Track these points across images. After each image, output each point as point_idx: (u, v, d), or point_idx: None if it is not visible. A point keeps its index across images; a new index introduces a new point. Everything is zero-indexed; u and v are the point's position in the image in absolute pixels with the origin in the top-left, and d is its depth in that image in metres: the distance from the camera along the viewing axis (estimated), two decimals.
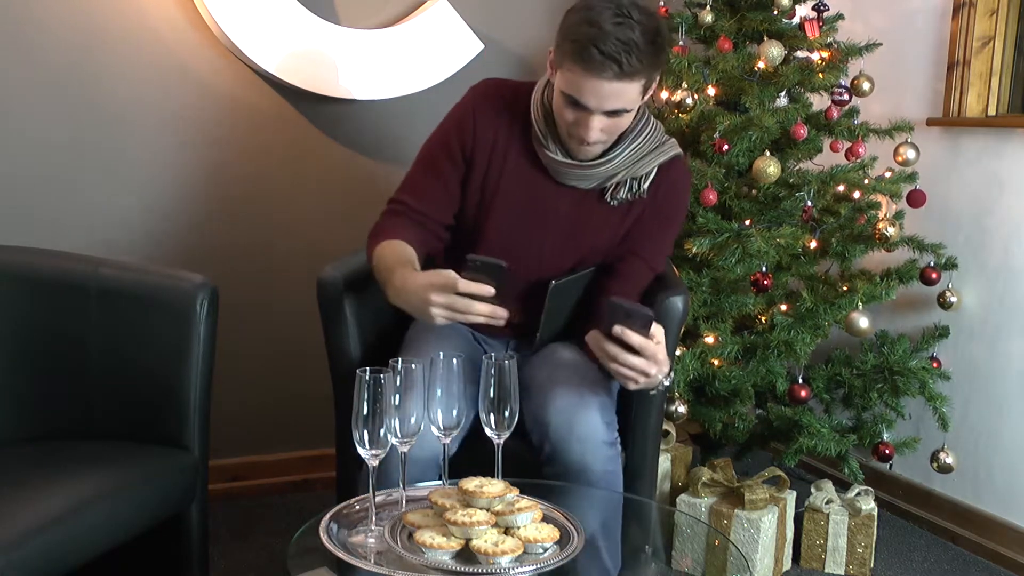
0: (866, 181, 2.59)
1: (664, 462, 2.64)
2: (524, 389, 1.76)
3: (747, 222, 2.53)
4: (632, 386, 1.69)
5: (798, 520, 2.58)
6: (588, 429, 1.75)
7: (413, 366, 1.44)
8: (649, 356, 1.63)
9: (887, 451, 2.57)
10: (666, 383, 1.74)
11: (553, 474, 1.76)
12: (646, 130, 1.90)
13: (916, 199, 2.62)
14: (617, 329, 1.60)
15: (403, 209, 1.91)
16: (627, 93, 1.72)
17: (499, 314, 1.61)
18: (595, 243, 1.94)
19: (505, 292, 1.64)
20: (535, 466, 1.78)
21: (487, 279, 1.60)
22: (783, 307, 2.58)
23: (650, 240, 1.97)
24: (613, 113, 1.75)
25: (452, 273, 1.61)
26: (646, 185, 1.91)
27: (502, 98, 1.93)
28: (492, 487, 1.43)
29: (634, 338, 1.61)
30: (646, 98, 1.82)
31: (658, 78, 1.80)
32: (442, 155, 1.93)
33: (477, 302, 1.60)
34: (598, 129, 1.76)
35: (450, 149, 1.92)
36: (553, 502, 1.54)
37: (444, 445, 1.54)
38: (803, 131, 2.55)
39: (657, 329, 1.64)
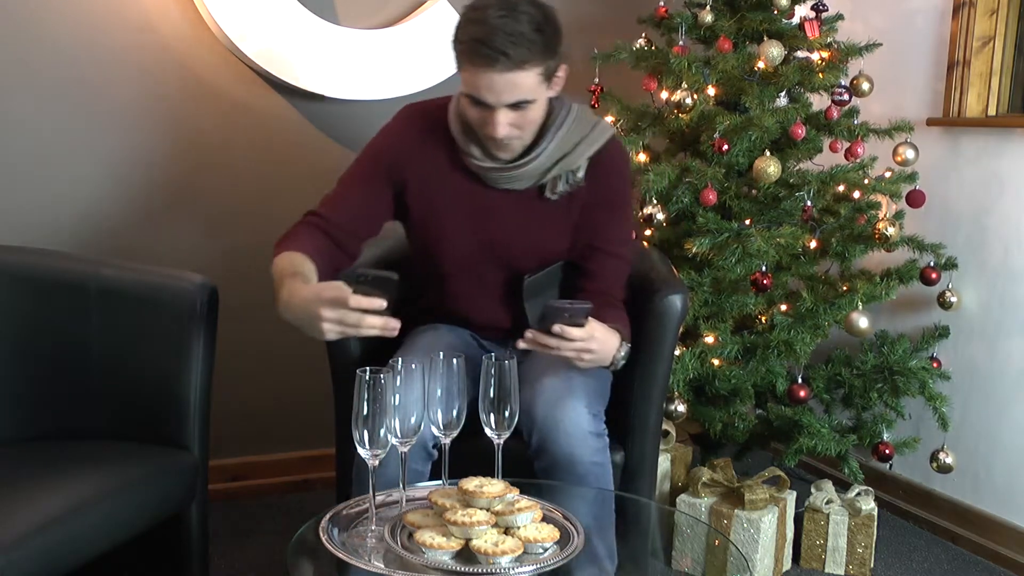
0: (866, 181, 2.59)
1: (664, 462, 2.64)
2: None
3: (747, 222, 2.53)
4: (581, 365, 1.76)
5: (798, 520, 2.58)
6: (574, 420, 1.76)
7: (413, 366, 1.45)
8: (587, 338, 1.71)
9: (887, 451, 2.57)
10: (622, 354, 1.81)
11: (543, 468, 1.77)
12: (568, 121, 1.89)
13: (916, 199, 2.62)
14: (557, 328, 1.67)
15: (315, 220, 1.90)
16: (523, 83, 1.73)
17: (391, 325, 1.59)
18: (549, 239, 1.94)
19: (398, 302, 1.62)
20: (531, 462, 1.79)
21: (379, 292, 1.57)
22: (783, 307, 2.58)
23: (604, 229, 1.96)
24: (516, 106, 1.75)
25: (343, 286, 1.59)
26: (581, 175, 1.91)
27: (426, 120, 1.94)
28: (492, 487, 1.43)
29: (574, 333, 1.69)
30: (554, 89, 1.82)
31: (560, 66, 1.80)
32: (366, 171, 1.93)
33: (369, 315, 1.57)
34: (505, 124, 1.76)
35: (375, 167, 1.93)
36: (551, 502, 1.54)
37: (444, 445, 1.54)
38: (802, 131, 2.55)
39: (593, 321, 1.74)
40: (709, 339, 2.49)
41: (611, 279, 1.97)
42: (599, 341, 1.73)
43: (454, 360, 1.48)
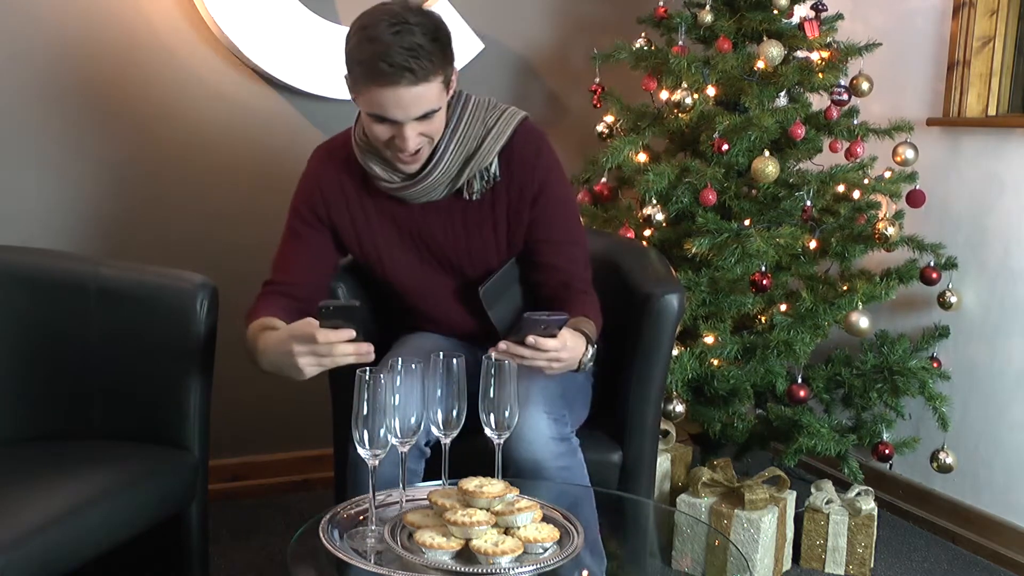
0: (866, 181, 2.59)
1: (664, 462, 2.64)
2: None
3: (747, 222, 2.53)
4: (548, 372, 1.73)
5: (798, 520, 2.58)
6: (533, 427, 1.75)
7: (413, 366, 1.45)
8: (560, 348, 1.69)
9: (887, 451, 2.57)
10: (588, 357, 1.78)
11: (513, 475, 1.74)
12: (466, 116, 1.86)
13: (916, 199, 2.62)
14: (531, 339, 1.65)
15: (271, 289, 1.91)
16: (428, 95, 1.71)
17: (363, 351, 1.58)
18: (485, 239, 1.93)
19: (367, 328, 1.62)
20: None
21: (345, 322, 1.57)
22: (783, 307, 2.58)
23: (546, 221, 1.93)
24: (423, 117, 1.74)
25: (311, 321, 1.59)
26: (494, 170, 1.88)
27: (336, 156, 1.94)
28: (492, 487, 1.43)
29: (548, 344, 1.66)
30: (451, 92, 1.81)
31: (455, 69, 1.78)
32: (299, 224, 1.94)
33: (340, 345, 1.57)
34: (415, 136, 1.75)
35: (305, 217, 1.93)
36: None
37: (444, 445, 1.54)
38: (802, 131, 2.55)
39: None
40: (708, 339, 2.49)
41: (571, 266, 1.95)
42: (569, 349, 1.72)
43: (454, 360, 1.48)
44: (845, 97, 2.60)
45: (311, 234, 1.94)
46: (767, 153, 2.48)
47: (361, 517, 1.51)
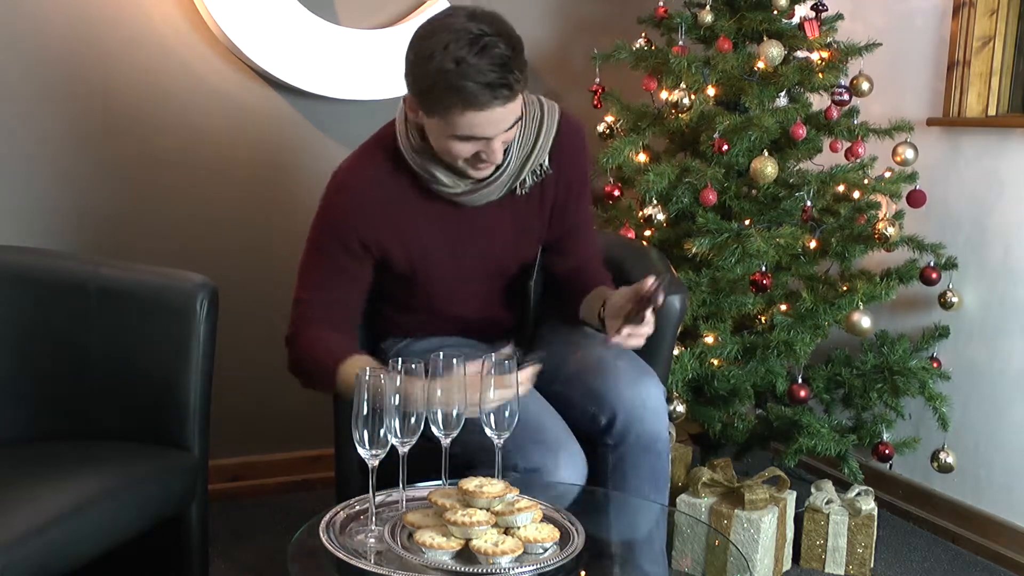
0: (866, 181, 2.59)
1: None
2: (578, 374, 1.86)
3: (747, 222, 2.53)
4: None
5: (798, 520, 2.58)
6: (656, 397, 1.85)
7: (413, 366, 1.45)
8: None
9: (887, 451, 2.57)
10: None
11: (625, 451, 1.82)
12: (521, 117, 1.81)
13: (916, 199, 2.62)
14: (649, 315, 1.70)
15: (310, 309, 1.87)
16: (517, 106, 1.68)
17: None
18: (532, 235, 1.94)
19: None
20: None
21: None
22: (783, 307, 2.58)
23: (579, 208, 1.97)
24: (510, 127, 1.70)
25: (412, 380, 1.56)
26: (546, 165, 1.87)
27: (363, 177, 1.84)
28: (492, 487, 1.44)
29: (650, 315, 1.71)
30: None
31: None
32: (340, 252, 1.85)
33: None
34: (501, 144, 1.71)
35: (352, 249, 1.84)
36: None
37: (445, 447, 1.54)
38: (802, 131, 2.55)
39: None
40: (709, 339, 2.49)
41: (590, 250, 2.03)
42: None
43: (454, 360, 1.48)
44: (845, 97, 2.59)
45: (354, 266, 1.86)
46: (767, 153, 2.48)
47: (361, 517, 1.51)
